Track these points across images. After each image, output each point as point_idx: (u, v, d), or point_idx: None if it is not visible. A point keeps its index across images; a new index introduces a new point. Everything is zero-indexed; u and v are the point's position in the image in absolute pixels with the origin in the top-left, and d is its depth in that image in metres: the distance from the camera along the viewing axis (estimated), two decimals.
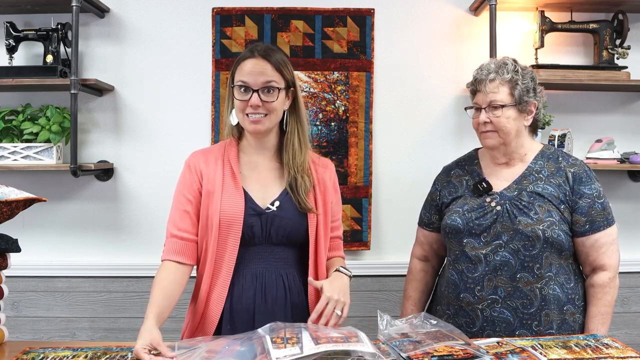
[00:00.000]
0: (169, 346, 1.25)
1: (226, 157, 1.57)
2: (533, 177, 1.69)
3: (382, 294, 2.53)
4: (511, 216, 1.63)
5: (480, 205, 1.68)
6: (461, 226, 1.67)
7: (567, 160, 1.72)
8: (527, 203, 1.63)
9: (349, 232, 2.51)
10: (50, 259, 2.47)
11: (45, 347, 1.34)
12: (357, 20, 2.50)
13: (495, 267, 1.62)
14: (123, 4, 2.48)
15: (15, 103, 2.44)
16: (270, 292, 1.51)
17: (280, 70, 1.50)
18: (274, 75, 1.49)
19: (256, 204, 1.51)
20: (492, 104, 1.65)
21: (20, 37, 2.37)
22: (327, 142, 2.51)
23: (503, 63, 1.68)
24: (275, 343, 1.15)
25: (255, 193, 1.53)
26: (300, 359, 1.09)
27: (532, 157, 1.73)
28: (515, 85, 1.64)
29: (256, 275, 1.51)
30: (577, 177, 1.67)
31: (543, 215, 1.61)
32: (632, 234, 2.60)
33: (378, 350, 1.18)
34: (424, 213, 1.90)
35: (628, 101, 2.58)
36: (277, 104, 1.50)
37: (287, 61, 1.54)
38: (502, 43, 2.40)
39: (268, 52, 1.51)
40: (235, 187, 1.51)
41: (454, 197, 1.77)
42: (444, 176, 1.86)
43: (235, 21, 2.49)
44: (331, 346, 1.13)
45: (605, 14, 2.50)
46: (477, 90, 1.69)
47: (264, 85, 1.47)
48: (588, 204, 1.64)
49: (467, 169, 1.81)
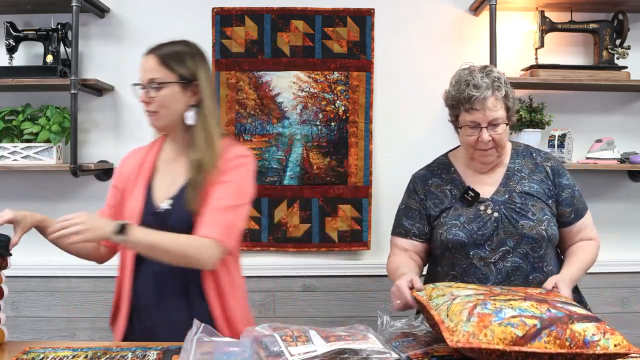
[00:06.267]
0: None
1: (148, 154, 1.60)
2: (516, 176, 1.68)
3: (382, 294, 2.53)
4: (512, 221, 1.62)
5: (477, 215, 1.65)
6: (466, 239, 1.62)
7: (540, 155, 1.74)
8: (522, 205, 1.63)
9: (349, 232, 2.51)
10: (50, 259, 2.47)
11: (45, 347, 1.34)
12: (357, 20, 2.50)
13: (507, 273, 1.61)
14: (123, 4, 2.48)
15: (15, 103, 2.43)
16: (167, 291, 1.48)
17: (168, 65, 1.48)
18: (159, 70, 1.47)
19: (152, 203, 1.51)
20: (493, 122, 1.59)
21: (20, 37, 2.37)
22: (327, 142, 2.51)
23: (495, 77, 1.60)
24: (285, 341, 1.14)
25: (159, 191, 1.53)
26: (315, 357, 1.08)
27: (507, 158, 1.72)
28: (508, 99, 1.62)
29: (154, 274, 1.48)
30: (555, 171, 1.70)
31: (540, 215, 1.62)
32: (632, 234, 2.60)
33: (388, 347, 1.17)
34: (410, 224, 1.74)
35: (628, 101, 2.58)
36: (165, 99, 1.48)
37: (183, 55, 1.50)
38: (502, 43, 2.40)
39: (158, 48, 1.51)
40: (142, 186, 1.53)
41: (441, 208, 1.70)
42: (422, 185, 1.76)
43: (235, 21, 2.49)
44: (342, 344, 1.13)
45: (605, 14, 2.50)
46: (472, 109, 1.59)
47: (149, 81, 1.48)
48: (569, 194, 1.68)
49: (444, 177, 1.74)
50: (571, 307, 1.17)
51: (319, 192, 2.51)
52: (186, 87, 1.50)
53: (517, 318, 1.11)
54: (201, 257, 1.40)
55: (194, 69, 1.51)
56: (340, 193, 2.51)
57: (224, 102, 2.50)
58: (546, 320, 1.10)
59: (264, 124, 2.51)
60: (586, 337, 1.07)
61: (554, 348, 1.07)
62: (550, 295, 1.31)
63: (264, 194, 2.51)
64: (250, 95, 2.51)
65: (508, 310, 1.13)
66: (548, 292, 1.37)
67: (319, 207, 2.51)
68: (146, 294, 1.50)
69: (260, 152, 2.51)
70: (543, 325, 1.09)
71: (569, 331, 1.08)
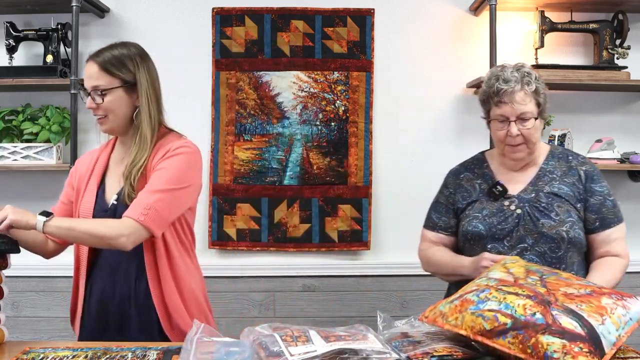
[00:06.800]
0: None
1: (101, 154, 1.64)
2: (547, 177, 1.68)
3: (382, 294, 2.53)
4: (533, 219, 1.62)
5: (500, 210, 1.66)
6: (484, 232, 1.64)
7: (577, 158, 1.73)
8: (547, 204, 1.63)
9: (349, 232, 2.51)
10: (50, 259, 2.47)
11: (45, 347, 1.34)
12: (357, 20, 2.50)
13: None
14: (123, 4, 2.48)
15: (15, 103, 2.43)
16: (119, 285, 1.52)
17: (109, 71, 1.51)
18: (100, 77, 1.50)
19: (104, 200, 1.55)
20: (522, 116, 1.61)
21: (20, 37, 2.37)
22: (327, 142, 2.51)
23: (526, 72, 1.63)
24: (285, 341, 1.14)
25: (110, 188, 1.57)
26: (315, 357, 1.08)
27: (542, 159, 1.72)
28: (539, 95, 1.63)
29: (110, 268, 1.53)
30: (589, 175, 1.68)
31: (564, 216, 1.61)
32: (633, 234, 2.58)
33: (387, 347, 1.17)
34: (437, 217, 1.79)
35: (628, 101, 2.58)
36: (110, 104, 1.51)
37: (123, 59, 1.53)
38: (502, 43, 2.40)
39: (99, 54, 1.53)
40: (94, 184, 1.58)
41: (468, 201, 1.73)
42: (453, 179, 1.80)
43: (235, 21, 2.49)
44: (342, 344, 1.13)
45: (605, 14, 2.50)
46: (501, 102, 1.62)
47: (93, 88, 1.51)
48: (599, 201, 1.65)
49: (477, 172, 1.77)
50: (580, 317, 1.11)
51: (319, 192, 2.51)
52: (130, 90, 1.54)
53: (493, 312, 1.14)
54: (114, 236, 1.41)
55: (135, 71, 1.54)
56: (340, 193, 2.51)
57: (224, 102, 2.50)
58: (520, 322, 1.10)
59: (264, 124, 2.51)
60: (547, 351, 1.05)
61: (516, 350, 1.08)
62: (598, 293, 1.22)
63: (264, 194, 2.51)
64: (250, 95, 2.51)
65: (492, 303, 1.16)
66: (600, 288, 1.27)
67: (319, 207, 2.51)
68: (102, 288, 1.53)
69: (260, 152, 2.51)
70: (514, 327, 1.10)
71: (534, 340, 1.07)
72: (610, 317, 1.13)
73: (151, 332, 1.51)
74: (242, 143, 2.51)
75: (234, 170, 2.51)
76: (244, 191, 2.51)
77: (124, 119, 1.55)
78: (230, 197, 2.51)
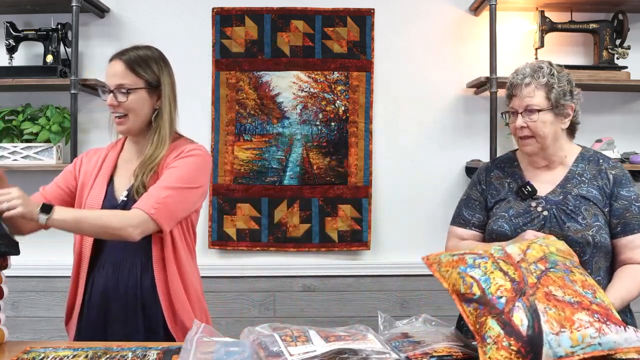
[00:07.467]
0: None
1: (110, 153, 1.65)
2: (576, 180, 1.67)
3: (382, 294, 2.53)
4: (559, 222, 1.60)
5: (527, 210, 1.65)
6: (509, 232, 1.63)
7: (608, 162, 1.71)
8: (574, 207, 1.61)
9: (349, 232, 2.52)
10: (50, 259, 2.47)
11: (46, 347, 1.34)
12: (357, 20, 2.51)
13: None
14: (123, 4, 2.48)
15: (15, 103, 2.43)
16: (124, 280, 1.52)
17: (135, 71, 1.53)
18: (125, 76, 1.52)
19: (114, 196, 1.56)
20: (527, 108, 1.62)
21: (20, 37, 2.37)
22: (327, 142, 2.51)
23: (538, 67, 1.65)
24: (285, 341, 1.14)
25: (119, 186, 1.58)
26: (314, 357, 1.08)
27: (572, 160, 1.71)
28: (551, 89, 1.62)
29: (113, 264, 1.53)
30: (617, 179, 1.66)
31: (591, 220, 1.59)
32: None
33: (387, 347, 1.17)
34: (470, 214, 1.76)
35: (628, 101, 2.58)
36: (132, 103, 1.53)
37: (149, 60, 1.57)
38: (502, 43, 2.40)
39: (124, 53, 1.56)
40: (104, 181, 1.58)
41: (496, 199, 1.73)
42: (484, 176, 1.79)
43: (235, 21, 2.49)
44: (342, 344, 1.13)
45: (605, 14, 2.50)
46: (513, 95, 1.66)
47: (117, 87, 1.53)
48: (623, 206, 1.62)
49: (507, 171, 1.77)
50: (556, 313, 1.12)
51: (319, 192, 2.51)
52: (152, 92, 1.56)
53: (472, 280, 1.21)
54: (123, 226, 1.42)
55: (159, 74, 1.57)
56: (340, 193, 2.51)
57: (224, 102, 2.50)
58: (485, 299, 1.17)
59: (264, 124, 2.52)
60: (485, 334, 1.12)
61: (470, 321, 1.17)
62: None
63: (264, 194, 2.51)
64: (250, 95, 2.51)
65: (479, 272, 1.22)
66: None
67: (319, 207, 2.51)
68: (105, 283, 1.53)
69: (260, 152, 2.51)
70: (478, 300, 1.18)
71: (484, 319, 1.14)
72: (573, 332, 1.10)
73: (155, 328, 1.52)
74: (242, 143, 2.51)
75: (234, 170, 2.51)
76: (244, 191, 2.51)
77: (144, 120, 1.57)
78: (230, 197, 2.51)
